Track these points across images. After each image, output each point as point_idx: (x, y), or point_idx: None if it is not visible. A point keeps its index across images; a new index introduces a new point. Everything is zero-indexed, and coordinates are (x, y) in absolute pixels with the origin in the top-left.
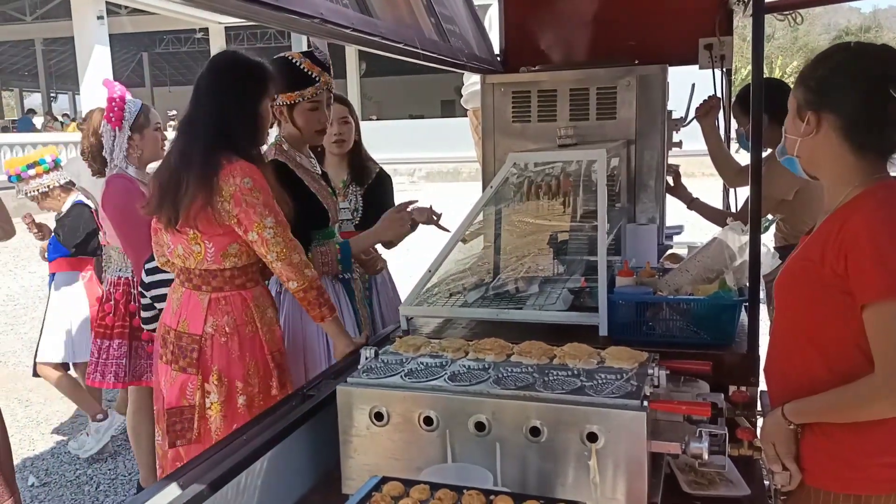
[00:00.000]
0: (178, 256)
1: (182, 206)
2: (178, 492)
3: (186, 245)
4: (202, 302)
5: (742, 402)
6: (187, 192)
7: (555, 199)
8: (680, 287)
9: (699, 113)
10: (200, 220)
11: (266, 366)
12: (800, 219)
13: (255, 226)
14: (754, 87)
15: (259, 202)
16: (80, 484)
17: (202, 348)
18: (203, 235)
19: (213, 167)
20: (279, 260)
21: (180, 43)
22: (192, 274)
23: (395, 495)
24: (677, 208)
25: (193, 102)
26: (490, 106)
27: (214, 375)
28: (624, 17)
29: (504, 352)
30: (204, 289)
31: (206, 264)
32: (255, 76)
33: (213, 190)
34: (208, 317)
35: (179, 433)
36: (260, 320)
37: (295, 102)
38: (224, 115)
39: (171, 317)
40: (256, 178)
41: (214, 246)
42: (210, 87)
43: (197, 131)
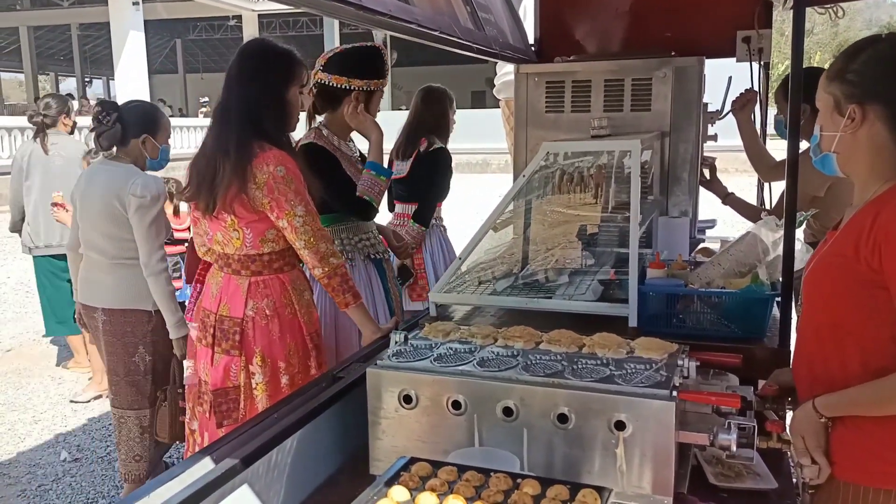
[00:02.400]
0: (217, 243)
1: (218, 193)
2: (211, 465)
3: (225, 231)
4: (242, 286)
5: (772, 396)
6: (223, 180)
7: (586, 190)
8: (712, 280)
9: (735, 106)
10: (237, 206)
11: (304, 346)
12: (829, 215)
13: (285, 213)
14: (793, 81)
15: (291, 190)
16: (111, 460)
17: (244, 331)
18: (240, 221)
19: (246, 154)
20: (307, 248)
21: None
22: (231, 259)
23: (423, 475)
24: (710, 202)
25: (225, 91)
26: (523, 96)
27: (258, 357)
28: (660, 9)
29: (533, 339)
30: (243, 273)
31: (246, 250)
32: (283, 63)
33: (246, 177)
34: (248, 300)
35: (226, 413)
36: (298, 302)
37: (375, 90)
38: (253, 102)
39: (210, 301)
40: (290, 167)
41: (252, 232)
42: (239, 75)
43: (230, 119)
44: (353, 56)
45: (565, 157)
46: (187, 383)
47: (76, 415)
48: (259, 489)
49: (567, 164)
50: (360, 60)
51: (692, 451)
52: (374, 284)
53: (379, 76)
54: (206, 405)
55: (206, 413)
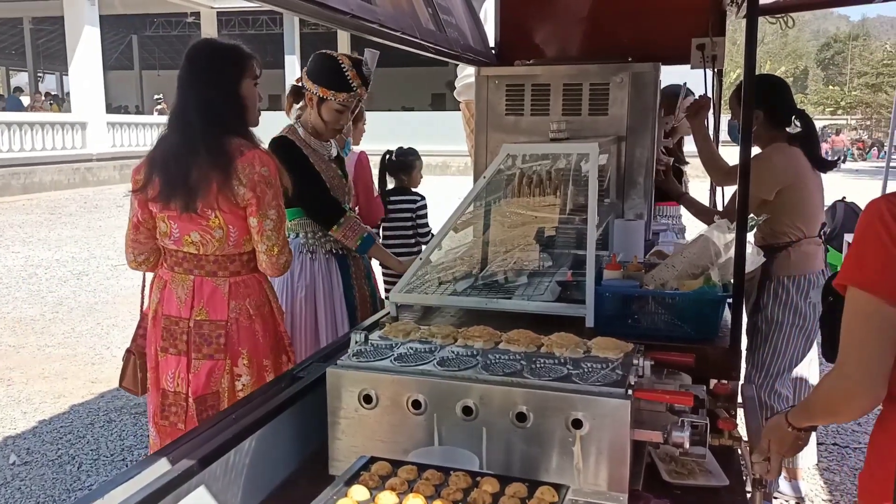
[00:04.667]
0: (190, 244)
1: (198, 191)
2: (167, 466)
3: (204, 231)
4: (222, 287)
5: (723, 395)
6: (201, 178)
7: (545, 192)
8: (666, 281)
9: (689, 112)
10: (223, 203)
11: (282, 342)
12: (779, 219)
13: (258, 213)
14: (746, 88)
15: (270, 192)
16: (62, 463)
17: (228, 333)
18: (227, 219)
19: (222, 152)
20: (267, 252)
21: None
22: (206, 261)
23: (383, 475)
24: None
25: (181, 94)
26: (484, 98)
27: (244, 358)
28: (618, 15)
29: (492, 339)
30: (220, 274)
31: (227, 249)
32: (233, 59)
33: (228, 174)
34: (231, 301)
35: None
36: (272, 300)
37: (326, 98)
38: (211, 101)
39: (178, 307)
40: (272, 170)
41: (238, 230)
42: (193, 76)
43: (190, 122)
44: (316, 61)
45: (524, 160)
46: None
47: (25, 418)
48: (216, 490)
49: (526, 167)
50: (320, 67)
51: (647, 448)
52: (333, 279)
53: (331, 87)
54: (173, 416)
55: (178, 423)
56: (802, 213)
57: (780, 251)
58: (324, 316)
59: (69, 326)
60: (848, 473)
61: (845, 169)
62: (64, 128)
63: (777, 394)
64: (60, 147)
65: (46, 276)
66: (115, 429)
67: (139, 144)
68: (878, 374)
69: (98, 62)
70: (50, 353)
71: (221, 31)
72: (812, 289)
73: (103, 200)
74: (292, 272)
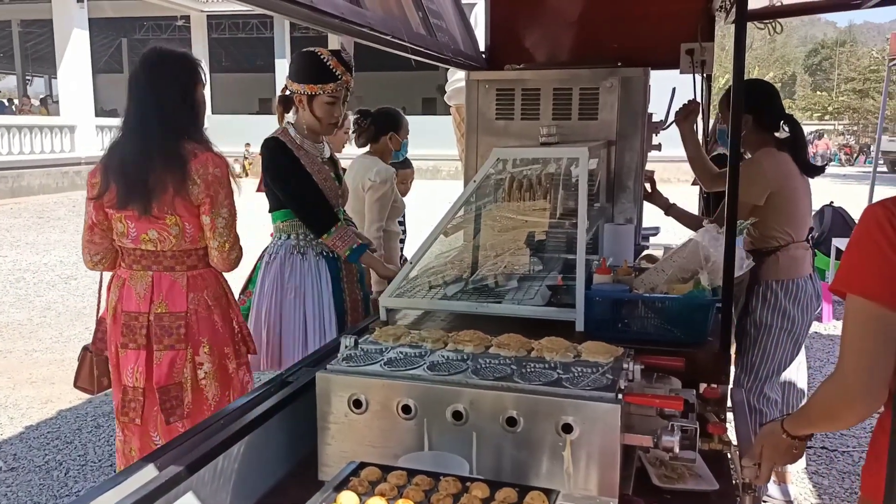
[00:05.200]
0: (148, 242)
1: (154, 195)
2: (154, 472)
3: (161, 229)
4: (180, 281)
5: (713, 399)
6: (157, 182)
7: (535, 196)
8: (655, 286)
9: (679, 117)
10: (178, 204)
11: (240, 334)
12: (769, 224)
13: (211, 211)
14: (735, 92)
15: (222, 191)
16: (49, 469)
17: (188, 323)
18: (182, 218)
19: (179, 157)
20: (219, 249)
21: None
22: (164, 256)
23: (372, 480)
24: (654, 211)
25: (136, 99)
26: (474, 102)
27: (205, 347)
28: (608, 20)
29: (483, 343)
30: (178, 269)
31: (184, 245)
32: (188, 67)
33: (184, 176)
34: (189, 293)
35: (171, 410)
36: (228, 293)
37: (315, 94)
38: (170, 107)
39: (137, 303)
40: (223, 170)
41: (193, 227)
42: (150, 83)
43: (148, 127)
44: (297, 61)
45: (515, 165)
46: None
47: (12, 423)
48: (204, 496)
49: (516, 171)
50: (301, 65)
51: (637, 452)
52: (322, 282)
53: (317, 81)
54: (132, 412)
55: (136, 419)
56: (791, 218)
57: (768, 255)
58: (312, 318)
59: (57, 331)
60: (836, 477)
61: (833, 174)
62: (52, 131)
63: (766, 397)
64: (49, 150)
65: (34, 281)
66: (102, 434)
67: None
68: (878, 379)
69: (87, 65)
70: (37, 357)
71: (211, 34)
72: (800, 293)
73: None
74: (282, 273)
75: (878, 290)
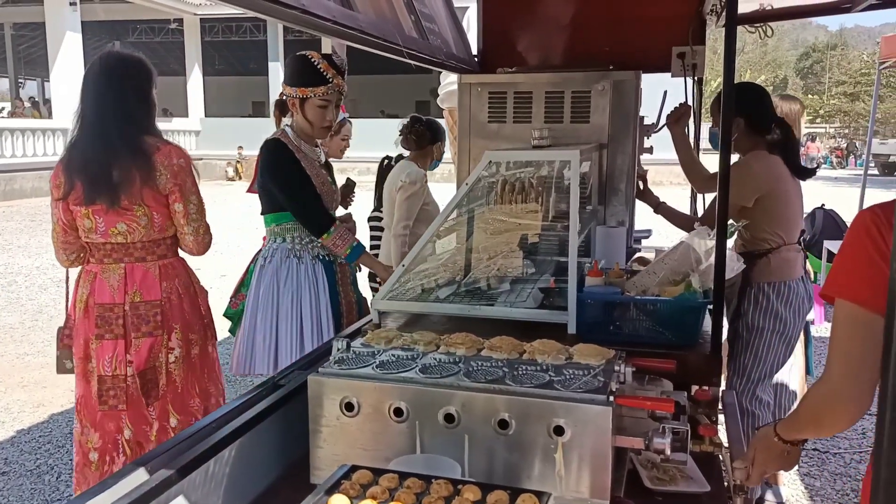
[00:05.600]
0: (118, 234)
1: (122, 187)
2: (145, 476)
3: (130, 221)
4: (152, 271)
5: (704, 401)
6: (123, 176)
7: (527, 199)
8: (647, 288)
9: (670, 119)
10: (146, 195)
11: (205, 321)
12: (759, 226)
13: (182, 198)
14: (725, 95)
15: (189, 179)
16: (41, 473)
17: (163, 310)
18: (151, 208)
19: (141, 150)
20: (193, 234)
21: (154, 33)
22: (134, 248)
23: (364, 483)
24: (646, 213)
25: (94, 98)
26: (466, 106)
27: (177, 333)
28: (600, 23)
29: (475, 346)
30: (149, 259)
31: (153, 234)
32: (144, 70)
33: (150, 168)
34: (162, 282)
35: (149, 393)
36: (196, 283)
37: (307, 97)
38: (129, 105)
39: (110, 294)
40: (187, 160)
41: (161, 216)
42: (111, 83)
43: (108, 125)
44: (289, 65)
45: (507, 168)
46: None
47: (4, 427)
48: (195, 500)
49: (509, 174)
50: (293, 69)
51: (628, 454)
52: (319, 285)
53: (308, 84)
54: (112, 399)
55: (119, 405)
56: (782, 220)
57: (760, 258)
58: (309, 322)
59: (49, 334)
60: (828, 478)
61: (824, 176)
62: (45, 134)
63: (758, 399)
64: (41, 153)
65: (26, 284)
66: None
67: None
68: (864, 384)
69: (80, 68)
70: (29, 361)
71: (205, 37)
72: (792, 295)
73: None
74: (278, 278)
75: (865, 294)
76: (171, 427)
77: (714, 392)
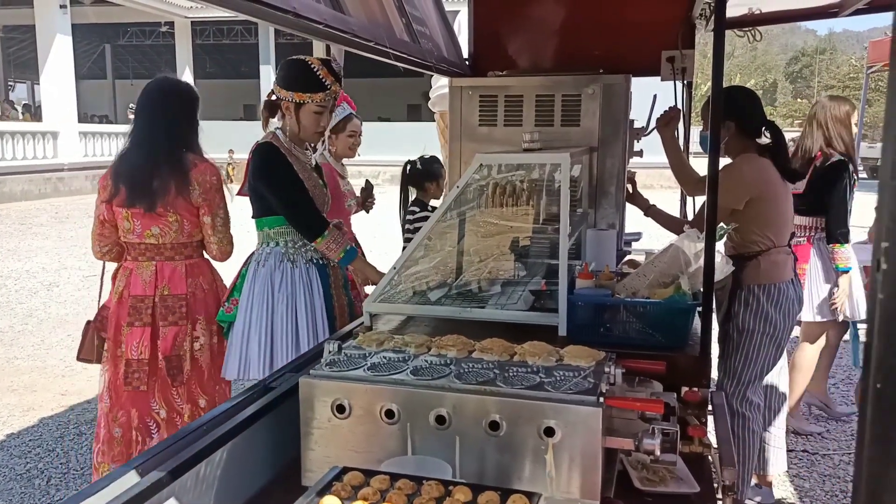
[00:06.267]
0: (151, 236)
1: (158, 196)
2: (136, 478)
3: (164, 225)
4: (180, 268)
5: (694, 402)
6: (161, 186)
7: (518, 202)
8: (637, 290)
9: (660, 123)
10: (178, 205)
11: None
12: (749, 229)
13: (211, 212)
14: (714, 99)
15: (219, 195)
16: (31, 478)
17: (188, 303)
18: (182, 216)
19: (181, 165)
20: (218, 244)
21: (144, 36)
22: (164, 248)
23: (355, 485)
24: (636, 216)
25: (145, 117)
26: (458, 109)
27: (201, 323)
28: (590, 28)
29: (466, 348)
30: (177, 258)
31: (181, 239)
32: (192, 95)
33: (186, 182)
34: (188, 279)
35: (175, 376)
36: (217, 281)
37: (303, 102)
38: (174, 125)
39: (143, 288)
40: (219, 178)
41: (189, 223)
42: (160, 105)
43: (155, 140)
44: (286, 68)
45: (498, 171)
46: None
47: None
48: (187, 503)
49: (500, 177)
50: (290, 73)
51: (618, 455)
52: (314, 288)
53: (306, 90)
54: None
55: (141, 386)
56: (772, 223)
57: (750, 260)
58: (305, 326)
59: (39, 338)
60: (818, 480)
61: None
62: (35, 137)
63: (749, 401)
64: (31, 157)
65: (16, 288)
66: (85, 441)
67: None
68: None
69: (70, 71)
70: (19, 365)
71: (196, 40)
72: (782, 297)
73: (75, 210)
74: (272, 282)
75: None
76: (200, 407)
77: (703, 393)
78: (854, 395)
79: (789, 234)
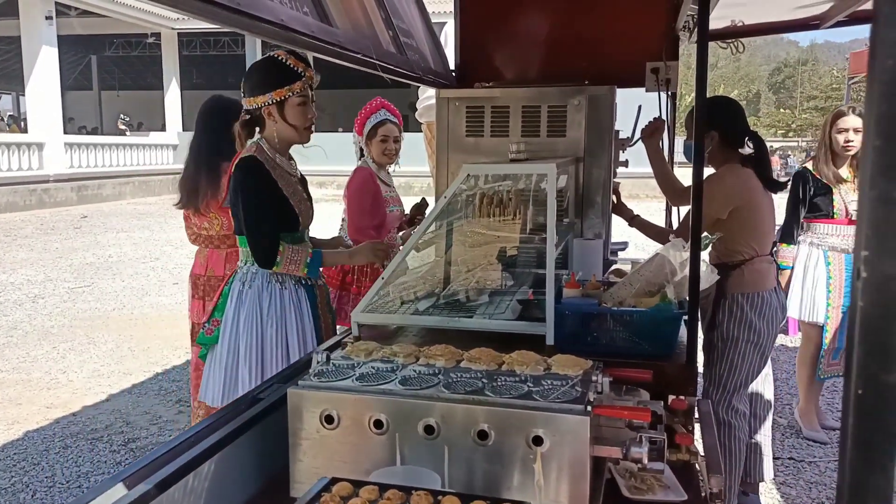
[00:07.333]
0: (204, 229)
1: (201, 200)
2: (123, 491)
3: (210, 221)
4: (221, 255)
5: (681, 410)
6: (203, 192)
7: (505, 212)
8: (623, 299)
9: (644, 134)
10: (213, 206)
11: None
12: (733, 238)
13: None
14: (698, 109)
15: None
16: (16, 492)
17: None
18: (219, 214)
19: (216, 174)
20: None
21: (131, 47)
22: (214, 239)
23: (344, 496)
24: (622, 226)
25: (198, 133)
26: (444, 120)
27: None
28: (575, 39)
29: (454, 358)
30: (222, 247)
31: (224, 231)
32: (233, 110)
33: (217, 188)
34: (226, 264)
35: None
36: None
37: (285, 98)
38: (219, 140)
39: (199, 268)
40: None
41: (228, 221)
42: (210, 121)
43: (203, 153)
44: (254, 73)
45: (485, 181)
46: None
47: None
48: None
49: (487, 188)
50: (260, 75)
51: (606, 464)
52: (303, 308)
53: (282, 83)
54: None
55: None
56: (755, 233)
57: (734, 269)
58: (296, 348)
59: (24, 351)
60: (804, 487)
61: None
62: (20, 148)
63: (734, 409)
64: (16, 168)
65: (1, 300)
66: (70, 455)
67: (97, 165)
68: None
69: (56, 82)
70: (3, 378)
71: (182, 51)
72: (765, 306)
73: (60, 222)
74: (260, 303)
75: None
76: None
77: (690, 401)
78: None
79: (771, 243)
